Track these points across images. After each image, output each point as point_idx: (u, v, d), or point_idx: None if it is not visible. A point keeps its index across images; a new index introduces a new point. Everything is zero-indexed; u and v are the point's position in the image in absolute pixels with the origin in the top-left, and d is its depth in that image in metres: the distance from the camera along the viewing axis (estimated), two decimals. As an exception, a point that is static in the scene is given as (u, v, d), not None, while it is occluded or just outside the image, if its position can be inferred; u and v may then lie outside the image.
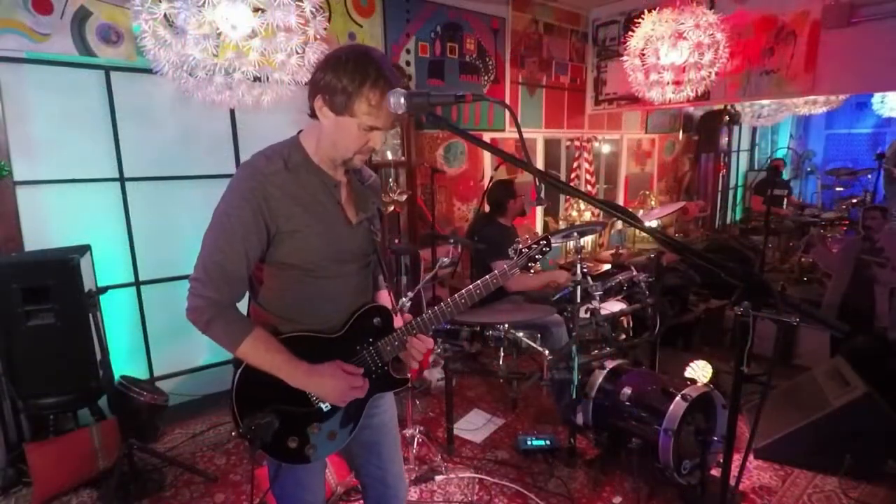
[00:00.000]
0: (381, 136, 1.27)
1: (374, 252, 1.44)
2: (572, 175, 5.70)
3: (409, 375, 1.48)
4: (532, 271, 1.41)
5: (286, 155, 1.27)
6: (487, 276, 1.38)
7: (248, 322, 1.27)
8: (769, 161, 6.76)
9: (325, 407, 1.34)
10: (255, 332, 1.24)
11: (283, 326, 1.32)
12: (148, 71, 2.24)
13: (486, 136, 4.61)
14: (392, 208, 3.85)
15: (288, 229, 1.24)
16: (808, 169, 8.96)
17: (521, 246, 1.40)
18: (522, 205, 3.51)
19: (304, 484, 1.42)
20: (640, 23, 3.81)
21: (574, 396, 2.58)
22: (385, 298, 1.54)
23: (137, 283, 3.18)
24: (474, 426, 3.07)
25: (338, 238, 1.32)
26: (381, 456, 1.54)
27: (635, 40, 3.85)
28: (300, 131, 1.34)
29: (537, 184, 1.17)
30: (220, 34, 1.97)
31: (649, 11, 3.77)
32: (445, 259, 3.27)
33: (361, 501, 2.41)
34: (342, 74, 1.17)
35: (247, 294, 1.36)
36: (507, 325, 2.74)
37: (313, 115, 1.26)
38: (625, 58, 3.99)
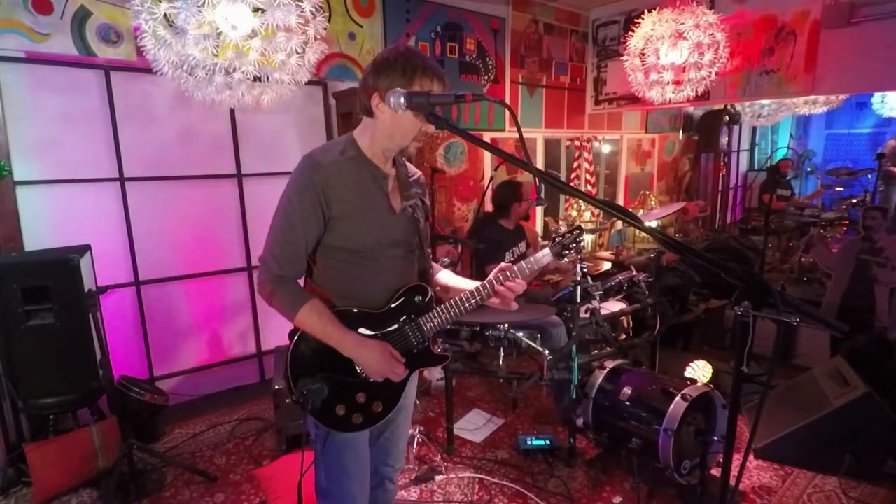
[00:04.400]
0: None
1: (417, 240, 1.54)
2: (572, 175, 5.70)
3: (448, 354, 1.61)
4: (566, 259, 1.50)
5: (342, 148, 1.41)
6: (523, 262, 1.45)
7: (306, 294, 1.40)
8: (768, 161, 6.75)
9: (371, 378, 1.44)
10: (312, 302, 1.37)
11: (334, 301, 1.43)
12: (148, 71, 2.24)
13: (486, 136, 4.61)
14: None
15: (340, 214, 1.37)
16: (808, 169, 8.96)
17: (555, 235, 1.51)
18: (527, 209, 3.49)
19: (349, 472, 1.48)
20: (640, 23, 3.82)
21: (574, 396, 2.58)
22: (449, 275, 1.66)
23: (137, 283, 3.19)
24: (474, 426, 3.07)
25: (383, 225, 1.44)
26: (394, 433, 1.66)
27: (635, 40, 3.85)
28: (354, 130, 1.47)
29: (537, 184, 1.17)
30: (220, 34, 1.97)
31: (649, 11, 3.77)
32: (445, 259, 3.27)
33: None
34: (392, 71, 1.30)
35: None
36: (507, 326, 2.74)
37: (368, 114, 1.39)
38: (625, 58, 3.99)
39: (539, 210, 5.34)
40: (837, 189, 7.68)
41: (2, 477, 2.53)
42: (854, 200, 6.48)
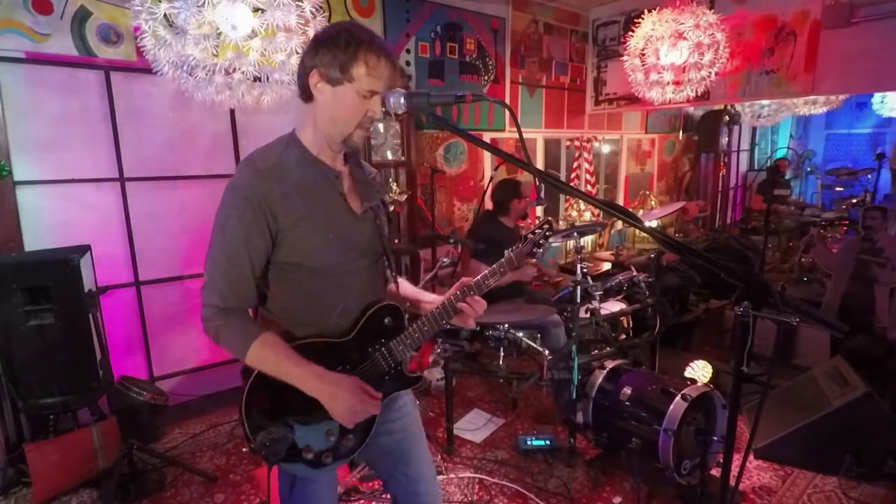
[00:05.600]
0: (380, 104, 1.22)
1: (382, 247, 1.38)
2: (572, 175, 5.70)
3: (422, 373, 1.45)
4: (535, 258, 1.41)
5: (283, 149, 1.25)
6: (495, 265, 1.35)
7: (256, 327, 1.23)
8: (768, 161, 6.76)
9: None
10: (263, 337, 1.19)
11: (293, 332, 1.26)
12: (148, 71, 2.24)
13: (486, 136, 4.61)
14: (392, 208, 3.85)
15: (289, 224, 1.19)
16: (808, 169, 8.96)
17: (525, 233, 1.39)
18: (526, 206, 3.49)
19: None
20: (640, 23, 3.82)
21: (574, 396, 2.58)
22: (407, 288, 1.51)
23: (137, 283, 3.19)
24: (474, 426, 3.07)
25: (343, 230, 1.27)
26: (410, 462, 1.45)
27: (635, 40, 3.85)
28: (294, 128, 1.32)
29: (537, 184, 1.17)
30: (220, 34, 1.97)
31: (649, 11, 3.77)
32: (445, 259, 3.27)
33: (362, 502, 2.42)
34: (335, 46, 1.17)
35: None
36: (507, 325, 2.74)
37: (307, 97, 1.24)
38: (625, 58, 4.00)
39: (539, 210, 5.34)
40: (837, 189, 7.69)
41: (2, 477, 2.53)
42: (854, 200, 6.49)
